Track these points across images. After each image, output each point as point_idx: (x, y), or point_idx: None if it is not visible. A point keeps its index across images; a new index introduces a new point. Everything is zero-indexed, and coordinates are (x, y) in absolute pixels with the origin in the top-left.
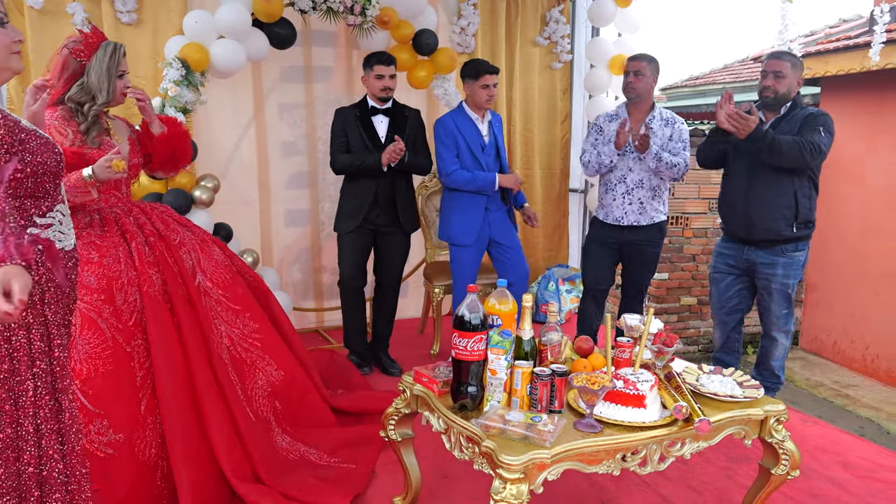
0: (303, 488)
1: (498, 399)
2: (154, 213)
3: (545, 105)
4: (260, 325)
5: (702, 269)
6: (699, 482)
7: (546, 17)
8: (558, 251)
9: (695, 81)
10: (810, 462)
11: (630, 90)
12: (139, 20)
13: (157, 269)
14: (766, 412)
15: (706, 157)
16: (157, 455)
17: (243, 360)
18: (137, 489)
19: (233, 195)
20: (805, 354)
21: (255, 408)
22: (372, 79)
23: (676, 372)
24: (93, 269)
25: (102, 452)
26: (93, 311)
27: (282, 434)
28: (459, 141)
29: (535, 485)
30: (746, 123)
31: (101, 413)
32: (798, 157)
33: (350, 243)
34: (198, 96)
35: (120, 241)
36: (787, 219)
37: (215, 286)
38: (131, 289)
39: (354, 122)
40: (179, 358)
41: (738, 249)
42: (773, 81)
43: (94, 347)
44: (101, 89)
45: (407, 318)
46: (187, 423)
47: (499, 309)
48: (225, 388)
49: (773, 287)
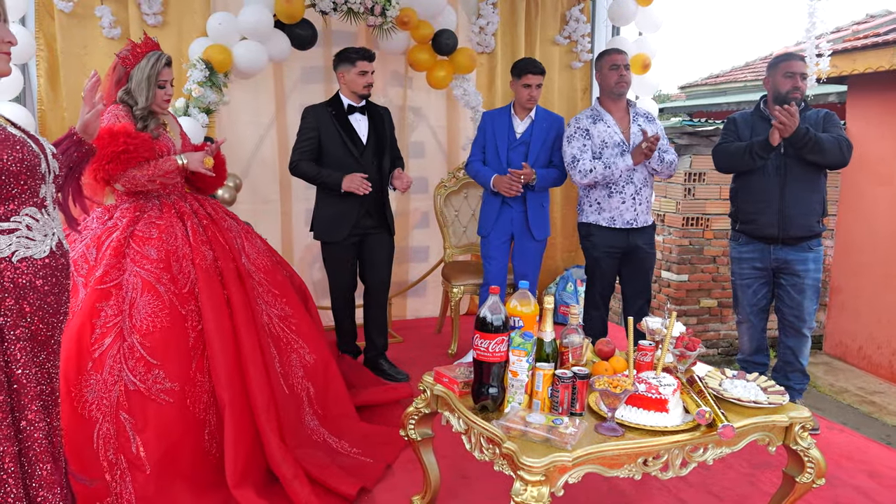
0: (317, 466)
1: (519, 401)
2: (206, 202)
3: (564, 104)
4: (295, 311)
5: (722, 270)
6: (720, 488)
7: (566, 16)
8: (577, 252)
9: (715, 80)
10: (835, 470)
11: (623, 84)
12: (164, 22)
13: (209, 247)
14: (791, 419)
15: (736, 166)
16: (205, 413)
17: (281, 337)
18: (187, 439)
19: (254, 194)
20: (829, 359)
21: (290, 383)
22: (354, 75)
23: (699, 376)
24: (153, 244)
25: (160, 399)
26: (152, 277)
27: (311, 415)
28: (488, 135)
29: (556, 487)
30: (793, 120)
31: (158, 364)
32: (838, 153)
33: (339, 256)
34: (221, 97)
35: (177, 221)
36: (818, 214)
37: (258, 270)
38: (186, 262)
39: (330, 121)
40: (228, 325)
41: (765, 251)
42: (802, 83)
43: (153, 307)
44: (140, 94)
45: (425, 317)
46: (233, 385)
47: (521, 311)
48: (266, 359)
49: (807, 283)
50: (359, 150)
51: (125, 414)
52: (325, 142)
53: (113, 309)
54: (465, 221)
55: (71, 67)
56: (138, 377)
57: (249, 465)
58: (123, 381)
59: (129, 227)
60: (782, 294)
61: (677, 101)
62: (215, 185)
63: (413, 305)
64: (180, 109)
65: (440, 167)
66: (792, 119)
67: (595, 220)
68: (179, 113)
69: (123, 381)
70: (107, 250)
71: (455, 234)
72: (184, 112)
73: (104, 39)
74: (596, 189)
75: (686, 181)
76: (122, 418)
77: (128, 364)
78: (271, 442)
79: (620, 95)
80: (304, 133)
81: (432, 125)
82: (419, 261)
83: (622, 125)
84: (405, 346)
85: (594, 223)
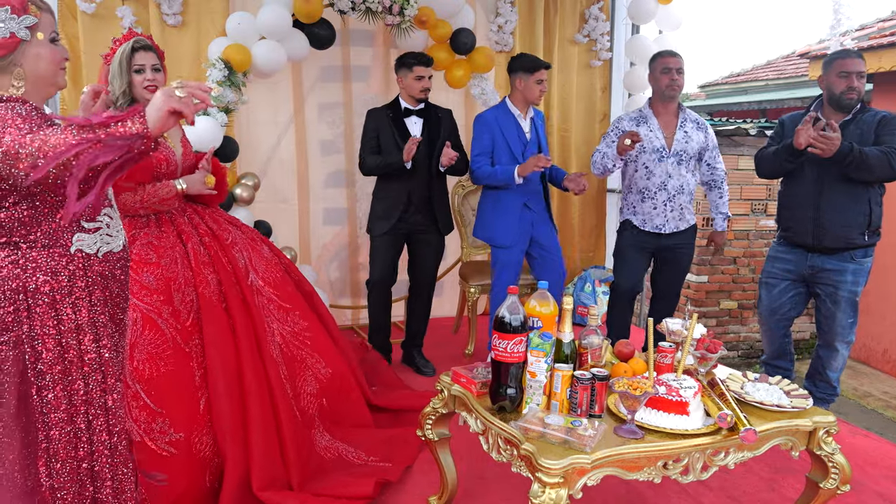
0: (332, 486)
1: (537, 402)
2: (206, 212)
3: (583, 103)
4: (309, 324)
5: (742, 272)
6: (741, 492)
7: (585, 14)
8: (595, 252)
9: (736, 78)
10: (859, 476)
11: (675, 88)
12: (184, 22)
13: (213, 269)
14: (815, 423)
15: (772, 172)
16: (211, 453)
17: (294, 356)
18: (192, 487)
19: (272, 193)
20: (853, 363)
21: (302, 405)
22: (411, 80)
23: (720, 379)
24: (151, 270)
25: (165, 452)
26: (153, 312)
27: (322, 432)
28: (498, 138)
29: (575, 490)
30: (832, 143)
31: (162, 412)
32: (887, 169)
33: (383, 246)
34: (240, 96)
35: (176, 242)
36: (861, 226)
37: (266, 285)
38: (188, 289)
39: (387, 123)
40: (232, 358)
41: (801, 256)
42: (859, 83)
43: (156, 348)
44: (114, 82)
45: (442, 316)
46: (235, 423)
47: (539, 311)
48: (274, 387)
49: (841, 295)
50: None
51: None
52: (382, 142)
53: None
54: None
55: (93, 68)
56: (142, 427)
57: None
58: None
59: None
60: (819, 304)
61: (697, 100)
62: (217, 201)
63: None
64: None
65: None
66: (830, 143)
67: (631, 219)
68: (199, 113)
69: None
70: None
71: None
72: (203, 111)
73: None
74: (632, 192)
75: None
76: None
77: (132, 413)
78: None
79: (671, 98)
80: (366, 134)
81: None
82: None
83: (667, 130)
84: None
85: (630, 221)
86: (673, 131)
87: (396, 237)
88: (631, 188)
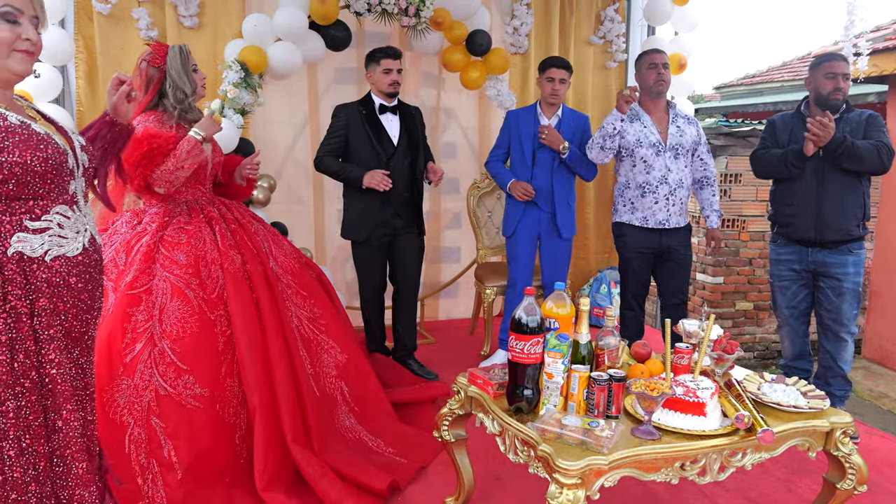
0: (346, 464)
1: (554, 403)
2: (233, 206)
3: (599, 104)
4: (324, 312)
5: (758, 273)
6: (757, 493)
7: (601, 15)
8: (611, 254)
9: (751, 80)
10: (876, 477)
11: (662, 83)
12: (200, 24)
13: (238, 251)
14: (832, 424)
15: (776, 175)
16: (235, 417)
17: (311, 339)
18: (218, 444)
19: (288, 195)
20: (868, 364)
21: (321, 384)
22: (379, 74)
23: (737, 380)
24: (182, 249)
25: (190, 405)
26: (182, 283)
27: (348, 414)
28: (513, 134)
29: (592, 491)
30: (827, 131)
31: (188, 369)
32: (877, 161)
33: (368, 257)
34: (256, 98)
35: (205, 226)
36: (858, 218)
37: (286, 273)
38: (214, 266)
39: (360, 120)
40: (257, 329)
41: (803, 253)
42: (844, 84)
43: (183, 313)
44: (185, 85)
45: (457, 318)
46: (262, 388)
47: (556, 312)
48: (295, 362)
49: (846, 287)
50: (387, 151)
51: (156, 419)
52: (352, 141)
53: (143, 314)
54: (497, 222)
55: (109, 69)
56: (169, 382)
57: (279, 468)
58: (154, 385)
59: (159, 232)
60: (821, 298)
61: (712, 101)
62: (245, 194)
63: (445, 306)
64: (216, 110)
65: (472, 168)
66: (826, 130)
67: (628, 220)
68: (215, 114)
69: (154, 385)
70: (136, 255)
71: (488, 234)
72: (219, 113)
73: (141, 41)
74: (630, 188)
75: (722, 182)
76: (154, 423)
77: (158, 369)
78: (293, 446)
79: (659, 94)
80: (333, 131)
81: (464, 126)
82: (451, 262)
83: (660, 125)
84: (437, 347)
85: (627, 223)
86: (665, 126)
87: (380, 245)
88: (629, 184)
